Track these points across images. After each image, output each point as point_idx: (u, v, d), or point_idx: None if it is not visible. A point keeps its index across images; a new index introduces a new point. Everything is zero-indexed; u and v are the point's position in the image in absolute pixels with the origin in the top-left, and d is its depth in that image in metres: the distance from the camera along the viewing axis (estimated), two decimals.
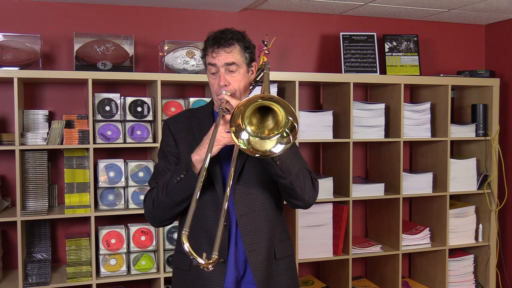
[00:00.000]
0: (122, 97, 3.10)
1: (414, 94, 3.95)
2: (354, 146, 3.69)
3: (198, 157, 1.76)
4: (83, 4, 3.23)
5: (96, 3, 3.23)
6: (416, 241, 3.61)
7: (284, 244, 1.96)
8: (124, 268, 3.03)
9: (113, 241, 3.02)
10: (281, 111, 1.65)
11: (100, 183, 3.01)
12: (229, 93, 1.82)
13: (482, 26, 4.16)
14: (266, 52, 3.29)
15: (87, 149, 2.98)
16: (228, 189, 1.69)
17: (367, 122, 3.47)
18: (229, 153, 1.84)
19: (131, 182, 3.06)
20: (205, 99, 3.22)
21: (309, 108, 3.68)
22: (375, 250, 3.52)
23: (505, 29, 3.97)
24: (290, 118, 1.64)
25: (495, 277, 3.80)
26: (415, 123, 3.57)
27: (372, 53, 3.53)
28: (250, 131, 1.66)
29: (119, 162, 3.07)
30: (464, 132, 3.69)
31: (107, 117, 3.04)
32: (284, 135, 1.65)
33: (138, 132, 3.07)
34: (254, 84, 2.04)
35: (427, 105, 3.62)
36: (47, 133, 2.92)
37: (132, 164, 3.09)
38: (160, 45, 3.19)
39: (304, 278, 3.65)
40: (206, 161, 1.67)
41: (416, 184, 3.58)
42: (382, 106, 3.52)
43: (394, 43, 3.68)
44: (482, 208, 3.81)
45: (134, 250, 3.06)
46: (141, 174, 3.09)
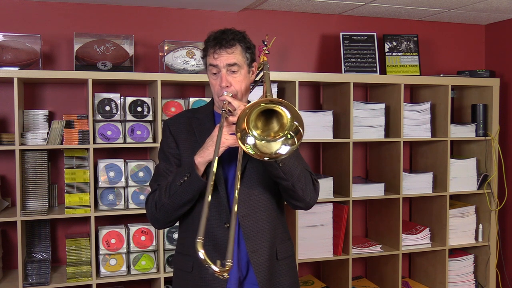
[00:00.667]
0: (122, 97, 3.10)
1: (414, 94, 3.95)
2: (354, 146, 3.69)
3: (201, 159, 1.76)
4: (83, 4, 3.23)
5: (96, 3, 3.23)
6: (416, 241, 3.61)
7: (285, 244, 1.97)
8: (124, 268, 3.03)
9: (113, 241, 3.02)
10: (286, 114, 1.65)
11: (100, 183, 3.01)
12: (230, 94, 1.82)
13: (482, 26, 4.16)
14: (266, 52, 3.27)
15: (87, 149, 2.98)
16: (237, 192, 1.69)
17: (367, 122, 3.47)
18: (229, 155, 1.83)
19: (131, 182, 3.06)
20: (205, 99, 3.22)
21: (309, 108, 3.68)
22: (375, 250, 3.52)
23: (505, 29, 3.97)
24: (295, 123, 1.64)
25: (495, 277, 3.80)
26: (415, 123, 3.57)
27: (372, 53, 3.53)
28: (256, 135, 1.66)
29: (119, 162, 3.07)
30: (464, 132, 3.69)
31: (107, 117, 3.04)
32: (289, 136, 1.66)
33: (138, 132, 3.07)
34: (254, 84, 2.04)
35: (427, 105, 3.62)
36: (47, 133, 2.92)
37: (132, 164, 3.09)
38: (160, 45, 3.19)
39: (304, 278, 3.65)
40: (215, 165, 1.66)
41: (416, 184, 3.58)
42: (382, 106, 3.52)
43: (394, 43, 3.68)
44: (482, 208, 3.81)
45: (134, 250, 3.06)
46: (141, 174, 3.08)
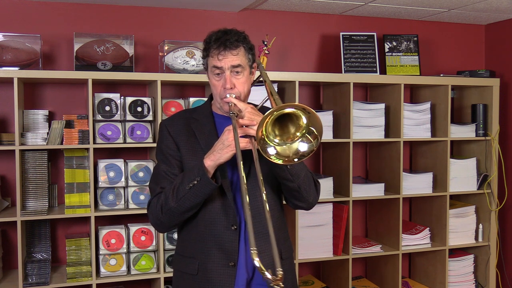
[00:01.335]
0: (122, 97, 3.10)
1: (414, 94, 3.95)
2: (354, 146, 3.69)
3: (211, 162, 1.74)
4: (83, 4, 3.23)
5: (96, 3, 3.23)
6: (416, 241, 3.61)
7: (287, 244, 1.98)
8: (124, 268, 3.03)
9: (113, 241, 3.02)
10: (300, 115, 1.64)
11: (100, 183, 3.01)
12: (234, 96, 1.81)
13: (482, 26, 4.16)
14: (266, 52, 3.29)
15: (87, 149, 2.98)
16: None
17: (367, 122, 3.47)
18: (233, 157, 1.82)
19: (131, 182, 3.06)
20: (205, 99, 3.22)
21: None
22: (375, 250, 3.52)
23: (505, 29, 3.97)
24: (312, 128, 1.64)
25: (495, 277, 3.80)
26: (415, 123, 3.57)
27: (372, 53, 3.53)
28: (277, 142, 1.65)
29: (119, 162, 3.07)
30: (464, 132, 3.69)
31: (107, 117, 3.04)
32: (307, 135, 1.65)
33: (138, 132, 3.07)
34: (251, 85, 2.03)
35: (427, 105, 3.62)
36: (47, 133, 2.92)
37: (132, 164, 3.09)
38: (160, 45, 3.19)
39: (304, 278, 3.65)
40: (241, 169, 1.61)
41: (416, 184, 3.58)
42: (382, 106, 3.52)
43: (394, 43, 3.68)
44: (482, 208, 3.81)
45: (134, 250, 3.06)
46: (141, 174, 3.08)
